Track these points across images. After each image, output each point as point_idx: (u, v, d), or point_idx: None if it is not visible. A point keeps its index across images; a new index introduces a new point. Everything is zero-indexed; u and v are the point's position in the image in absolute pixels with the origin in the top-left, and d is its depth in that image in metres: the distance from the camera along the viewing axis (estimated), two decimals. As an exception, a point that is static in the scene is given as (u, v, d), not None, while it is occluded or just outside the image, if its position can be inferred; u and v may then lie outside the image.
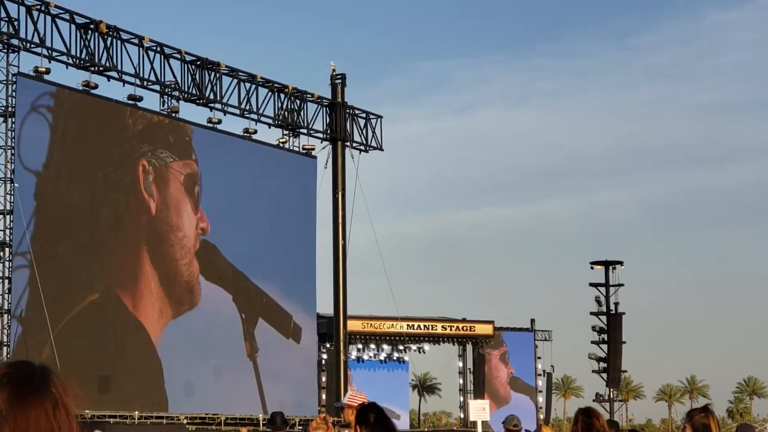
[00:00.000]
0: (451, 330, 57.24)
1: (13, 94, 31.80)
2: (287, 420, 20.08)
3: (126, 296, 34.57)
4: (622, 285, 56.17)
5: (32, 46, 32.57)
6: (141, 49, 35.78)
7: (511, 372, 60.61)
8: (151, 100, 36.88)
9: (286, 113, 41.38)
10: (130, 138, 35.38)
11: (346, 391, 38.37)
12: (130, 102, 35.56)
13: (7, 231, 31.39)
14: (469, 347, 58.84)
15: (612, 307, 55.73)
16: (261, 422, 38.07)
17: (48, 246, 32.10)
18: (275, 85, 40.85)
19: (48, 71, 32.94)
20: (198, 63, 37.79)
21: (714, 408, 7.07)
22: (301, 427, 35.39)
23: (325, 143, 43.37)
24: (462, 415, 58.04)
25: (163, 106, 37.31)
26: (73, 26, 33.64)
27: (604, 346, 55.62)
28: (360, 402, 8.47)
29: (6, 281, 31.30)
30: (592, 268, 56.64)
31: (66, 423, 2.51)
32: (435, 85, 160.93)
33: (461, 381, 58.96)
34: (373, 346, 54.84)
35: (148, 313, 35.23)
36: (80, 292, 33.22)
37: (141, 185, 35.48)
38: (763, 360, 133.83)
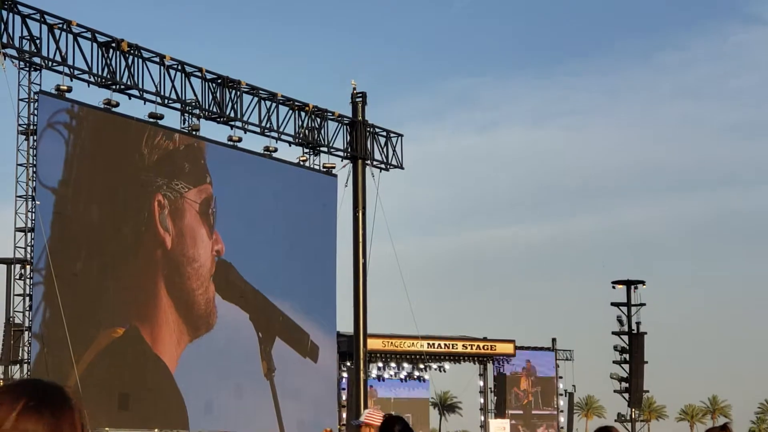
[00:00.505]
0: (471, 349, 57.08)
1: (35, 112, 31.92)
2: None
3: (144, 328, 34.42)
4: (644, 305, 55.90)
5: (54, 64, 32.69)
6: (162, 67, 35.88)
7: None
8: (172, 119, 36.98)
9: (306, 131, 41.37)
10: (147, 169, 35.26)
11: (366, 408, 38.31)
12: (151, 120, 35.64)
13: (29, 249, 31.46)
14: (490, 366, 58.66)
15: (634, 326, 55.44)
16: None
17: (67, 263, 32.08)
18: (296, 103, 40.88)
19: (70, 89, 33.04)
20: (219, 81, 37.87)
21: (734, 427, 6.95)
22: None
23: (346, 161, 43.35)
24: (483, 435, 57.81)
25: (184, 124, 37.39)
26: (94, 45, 33.75)
27: (626, 366, 55.31)
28: (379, 416, 8.36)
29: (27, 298, 31.34)
30: (614, 287, 56.39)
31: None
32: (458, 104, 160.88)
33: (482, 400, 58.74)
34: (393, 364, 54.77)
35: (166, 341, 35.15)
36: (100, 312, 33.17)
37: (156, 220, 35.36)
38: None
